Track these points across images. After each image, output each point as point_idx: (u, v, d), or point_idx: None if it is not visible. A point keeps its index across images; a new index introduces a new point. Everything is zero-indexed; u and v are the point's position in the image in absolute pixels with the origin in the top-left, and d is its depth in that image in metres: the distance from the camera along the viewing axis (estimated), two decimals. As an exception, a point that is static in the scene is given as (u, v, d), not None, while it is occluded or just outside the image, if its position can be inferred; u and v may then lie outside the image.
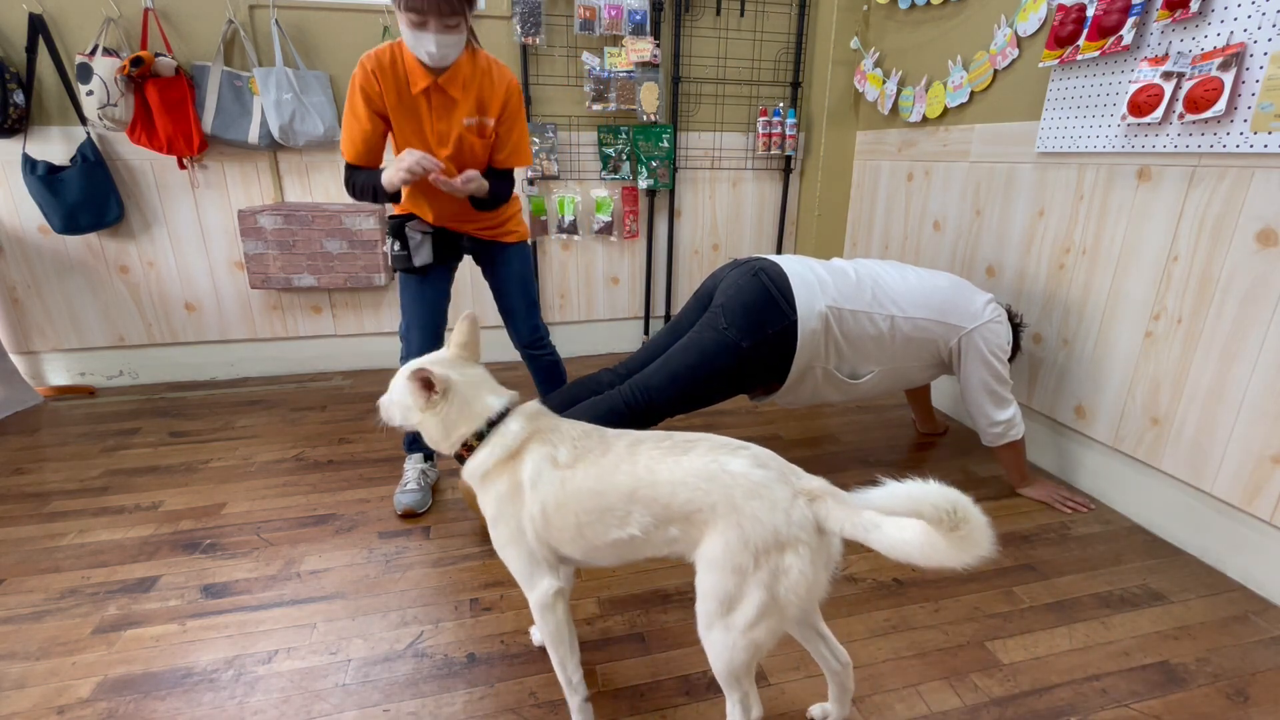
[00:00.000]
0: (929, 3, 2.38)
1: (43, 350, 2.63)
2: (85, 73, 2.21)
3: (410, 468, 1.86)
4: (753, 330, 1.62)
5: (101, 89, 2.22)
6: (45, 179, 2.30)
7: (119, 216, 2.47)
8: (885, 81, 2.66)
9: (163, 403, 2.55)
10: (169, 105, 2.33)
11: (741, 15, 2.84)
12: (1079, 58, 1.76)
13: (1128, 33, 1.64)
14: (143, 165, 2.49)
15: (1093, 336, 1.87)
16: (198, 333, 2.74)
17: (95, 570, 1.53)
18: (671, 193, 3.00)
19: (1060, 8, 1.80)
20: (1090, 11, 1.72)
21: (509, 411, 1.08)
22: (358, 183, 1.61)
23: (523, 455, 1.04)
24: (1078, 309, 1.91)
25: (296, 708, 1.16)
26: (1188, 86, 1.51)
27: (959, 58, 2.26)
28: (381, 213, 2.55)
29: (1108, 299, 1.82)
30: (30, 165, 2.30)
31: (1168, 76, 1.55)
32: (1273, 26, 1.37)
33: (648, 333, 3.23)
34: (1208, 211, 1.54)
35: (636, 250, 3.09)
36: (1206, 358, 1.57)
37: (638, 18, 2.65)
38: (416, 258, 1.68)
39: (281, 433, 2.29)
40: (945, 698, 1.20)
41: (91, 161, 2.35)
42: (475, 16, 1.69)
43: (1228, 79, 1.43)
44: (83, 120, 2.35)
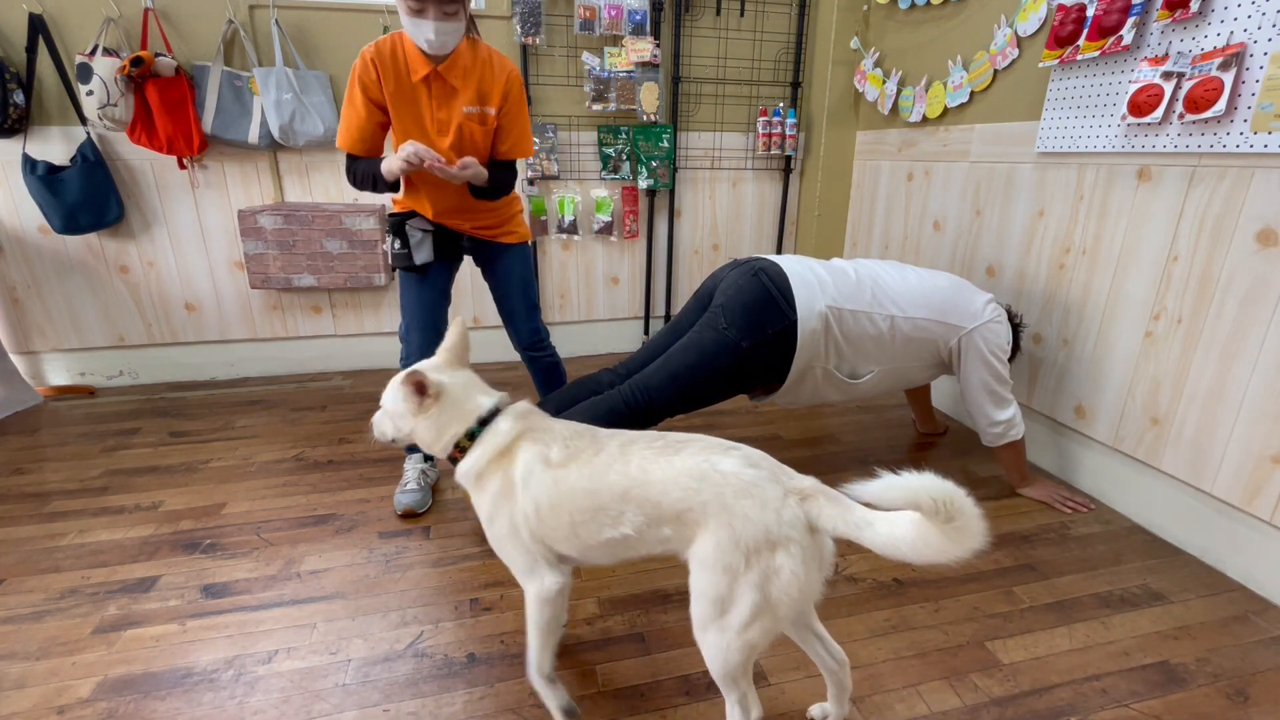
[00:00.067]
0: (929, 3, 2.38)
1: (43, 350, 2.63)
2: (85, 73, 2.21)
3: (410, 468, 1.86)
4: (753, 330, 1.62)
5: (101, 89, 2.22)
6: (45, 179, 2.30)
7: (119, 216, 2.47)
8: (885, 81, 2.66)
9: (163, 403, 2.55)
10: (169, 105, 2.33)
11: (741, 15, 2.84)
12: (1079, 58, 1.76)
13: (1128, 33, 1.64)
14: (143, 165, 2.49)
15: (1093, 336, 1.87)
16: (198, 333, 2.74)
17: (95, 570, 1.53)
18: (671, 193, 3.00)
19: (1060, 8, 1.80)
20: (1090, 11, 1.72)
21: (499, 411, 1.09)
22: (358, 171, 1.63)
23: (515, 454, 1.04)
24: (1078, 309, 1.91)
25: (296, 708, 1.16)
26: (1188, 86, 1.51)
27: (959, 58, 2.26)
28: (381, 212, 2.55)
29: (1108, 299, 1.82)
30: (30, 165, 2.30)
31: (1168, 76, 1.55)
32: (1273, 26, 1.37)
33: (648, 333, 3.23)
34: (1208, 211, 1.54)
35: (636, 250, 3.09)
36: (1206, 358, 1.57)
37: (638, 18, 2.65)
38: (417, 256, 1.68)
39: (281, 433, 2.29)
40: (945, 698, 1.20)
41: (91, 161, 2.35)
42: (476, 17, 1.69)
43: (1228, 79, 1.43)
44: (83, 120, 2.35)
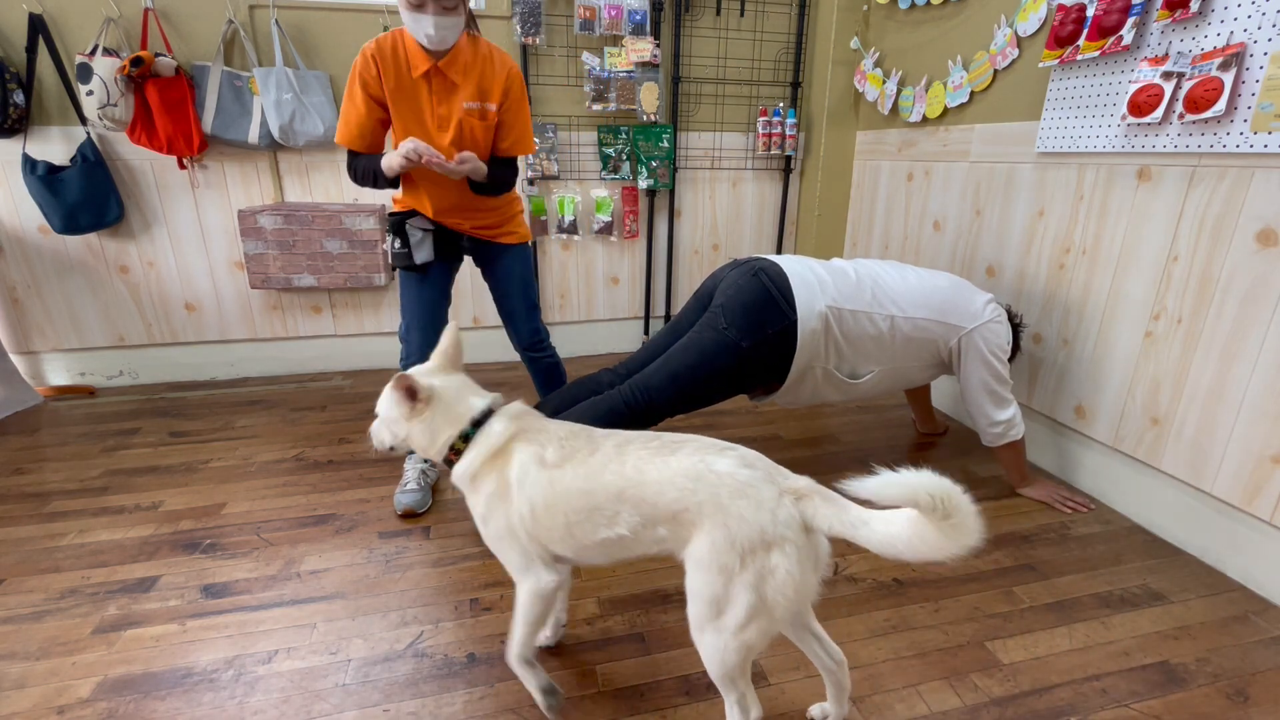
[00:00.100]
0: (929, 3, 2.38)
1: (43, 350, 2.63)
2: (85, 73, 2.21)
3: (410, 467, 1.86)
4: (753, 330, 1.62)
5: (101, 89, 2.22)
6: (45, 179, 2.30)
7: (119, 216, 2.47)
8: (885, 81, 2.66)
9: (163, 403, 2.55)
10: (169, 105, 2.33)
11: (741, 15, 2.84)
12: (1079, 58, 1.76)
13: (1128, 33, 1.64)
14: (143, 165, 2.49)
15: (1093, 336, 1.87)
16: (198, 333, 2.74)
17: (95, 570, 1.53)
18: (671, 193, 3.00)
19: (1060, 8, 1.80)
20: (1090, 11, 1.72)
21: (493, 412, 1.10)
22: (359, 168, 1.64)
23: (510, 455, 1.04)
24: (1078, 309, 1.91)
25: (296, 708, 1.16)
26: (1188, 86, 1.51)
27: (959, 58, 2.26)
28: (381, 212, 2.55)
29: (1108, 299, 1.82)
30: (30, 165, 2.30)
31: (1168, 76, 1.55)
32: (1273, 26, 1.37)
33: (648, 333, 3.23)
34: (1208, 211, 1.54)
35: (636, 250, 3.09)
36: (1206, 358, 1.57)
37: (638, 18, 2.65)
38: (417, 255, 1.69)
39: (281, 433, 2.29)
40: (945, 698, 1.20)
41: (91, 161, 2.35)
42: (476, 17, 1.69)
43: (1228, 79, 1.43)
44: (83, 120, 2.35)
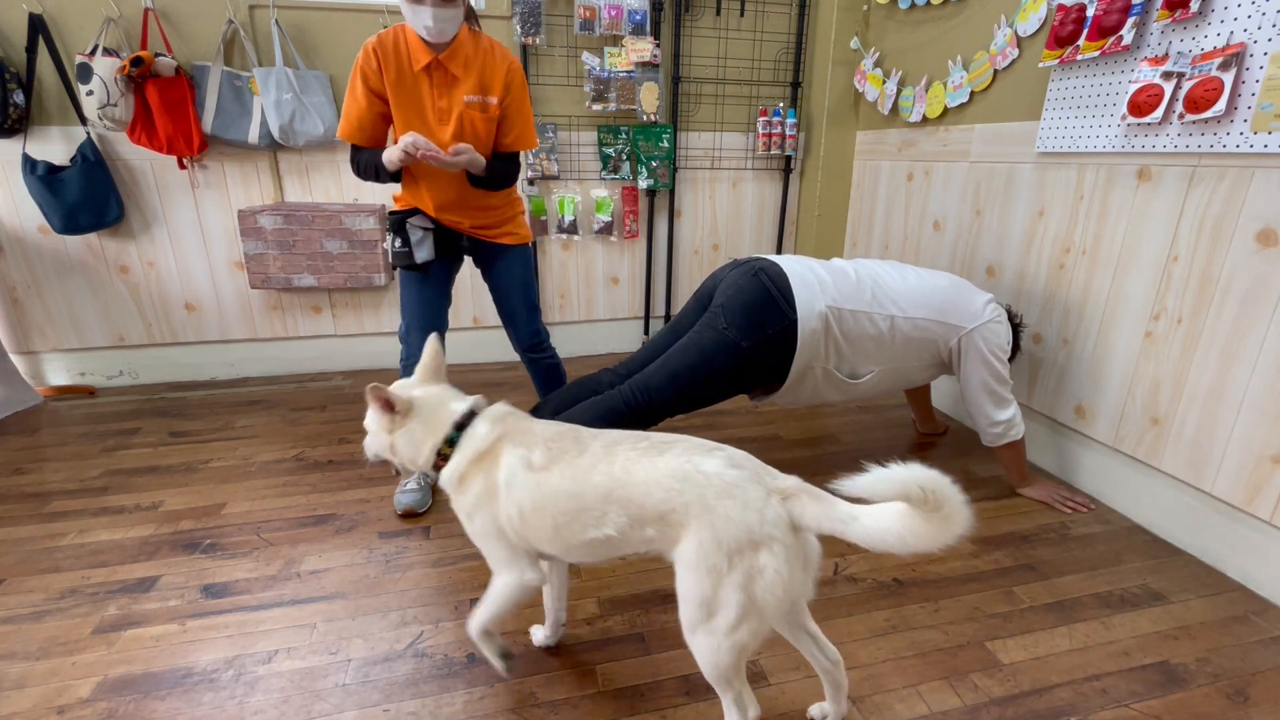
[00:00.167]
0: (929, 3, 2.38)
1: (43, 350, 2.63)
2: (85, 73, 2.21)
3: (410, 468, 1.86)
4: (753, 330, 1.62)
5: (101, 89, 2.22)
6: (45, 179, 2.30)
7: (119, 216, 2.47)
8: (885, 81, 2.66)
9: (163, 403, 2.55)
10: (169, 105, 2.33)
11: (741, 15, 2.84)
12: (1079, 58, 1.76)
13: (1128, 33, 1.64)
14: (143, 165, 2.49)
15: (1093, 336, 1.87)
16: (198, 333, 2.74)
17: (95, 570, 1.53)
18: (671, 193, 3.00)
19: (1060, 8, 1.80)
20: (1090, 11, 1.72)
21: (475, 414, 1.10)
22: (361, 162, 1.65)
23: (497, 457, 1.05)
24: (1078, 309, 1.91)
25: (296, 708, 1.16)
26: (1188, 86, 1.51)
27: (959, 58, 2.26)
28: (381, 212, 2.55)
29: (1108, 299, 1.82)
30: (30, 165, 2.30)
31: (1168, 76, 1.55)
32: (1273, 26, 1.37)
33: (648, 333, 3.23)
34: (1208, 211, 1.54)
35: (636, 250, 3.09)
36: (1206, 358, 1.57)
37: (638, 18, 2.65)
38: (418, 254, 1.69)
39: (281, 433, 2.29)
40: (945, 698, 1.20)
41: (91, 161, 2.35)
42: (476, 14, 1.70)
43: (1228, 79, 1.43)
44: (83, 120, 2.35)
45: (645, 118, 2.81)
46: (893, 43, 2.65)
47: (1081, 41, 1.75)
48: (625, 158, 2.86)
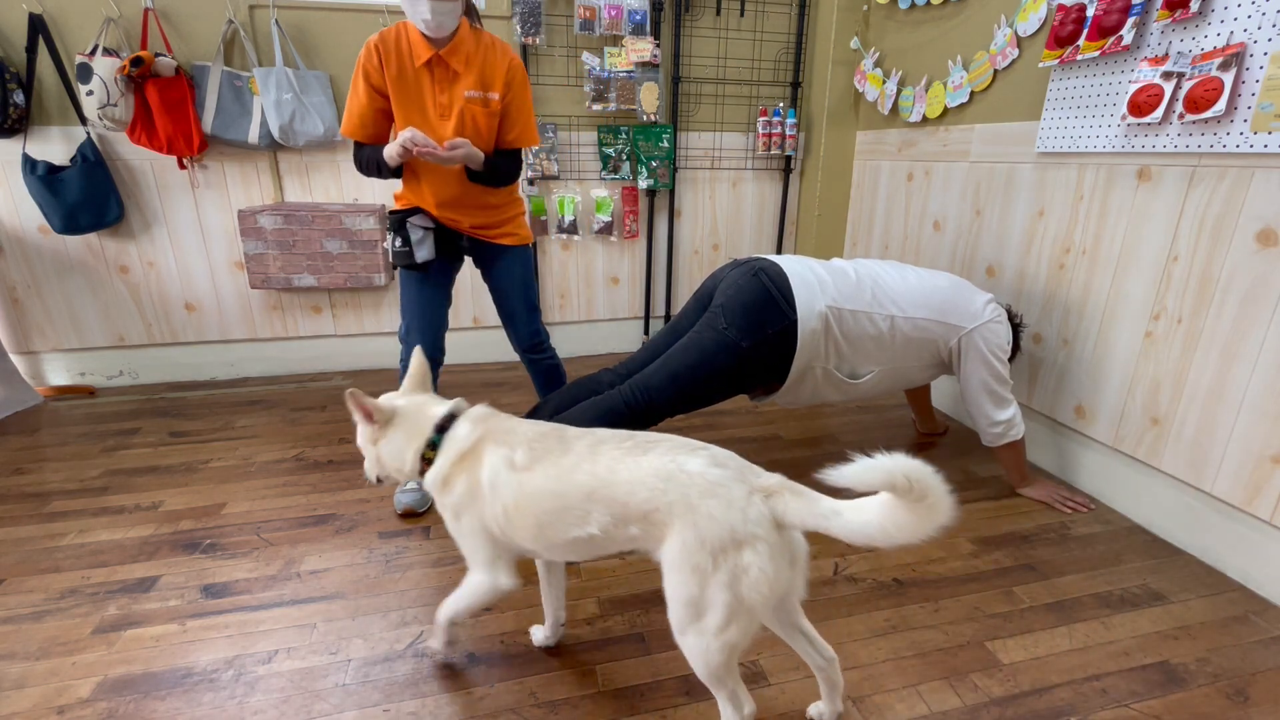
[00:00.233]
0: (929, 3, 2.38)
1: (43, 350, 2.63)
2: (85, 73, 2.21)
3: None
4: (753, 330, 1.62)
5: (101, 89, 2.22)
6: (45, 179, 2.30)
7: (119, 216, 2.47)
8: (885, 81, 2.66)
9: (163, 403, 2.55)
10: (169, 105, 2.33)
11: (741, 15, 2.84)
12: (1079, 58, 1.76)
13: (1128, 33, 1.64)
14: (143, 165, 2.49)
15: (1093, 336, 1.87)
16: (198, 333, 2.74)
17: (95, 570, 1.53)
18: (671, 193, 3.00)
19: (1060, 8, 1.80)
20: (1090, 11, 1.72)
21: (455, 416, 1.11)
22: (363, 158, 1.66)
23: (480, 457, 1.06)
24: (1078, 309, 1.91)
25: (296, 708, 1.16)
26: (1188, 86, 1.51)
27: (959, 58, 2.26)
28: (381, 212, 2.55)
29: (1108, 299, 1.82)
30: (30, 165, 2.30)
31: (1168, 76, 1.55)
32: (1273, 26, 1.37)
33: (648, 333, 3.23)
34: (1208, 211, 1.54)
35: (636, 250, 3.09)
36: (1206, 358, 1.57)
37: (638, 18, 2.65)
38: (418, 253, 1.69)
39: (281, 433, 2.29)
40: (945, 698, 1.20)
41: (91, 161, 2.35)
42: (477, 11, 1.70)
43: (1228, 79, 1.43)
44: (83, 120, 2.35)
45: (645, 118, 2.81)
46: (893, 43, 2.65)
47: (1081, 41, 1.75)
48: (625, 158, 2.86)
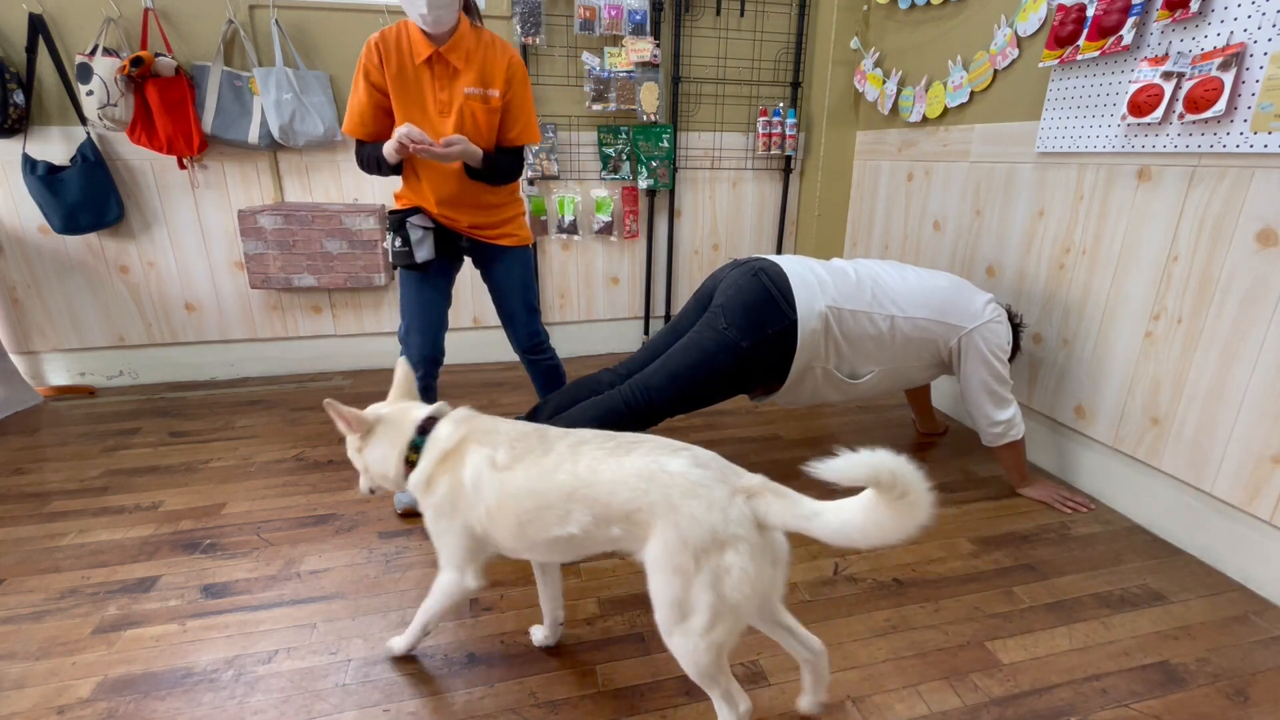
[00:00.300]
0: (929, 3, 2.38)
1: (43, 350, 2.63)
2: (85, 73, 2.21)
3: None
4: (753, 330, 1.62)
5: (101, 89, 2.22)
6: (45, 179, 2.30)
7: (119, 216, 2.47)
8: (885, 81, 2.66)
9: (163, 403, 2.55)
10: (169, 105, 2.33)
11: (741, 15, 2.84)
12: (1079, 58, 1.76)
13: (1128, 33, 1.64)
14: (143, 165, 2.49)
15: (1093, 336, 1.87)
16: (198, 333, 2.74)
17: (95, 570, 1.53)
18: (671, 193, 3.00)
19: (1060, 8, 1.80)
20: (1090, 11, 1.72)
21: (436, 419, 1.12)
22: (364, 155, 1.67)
23: (463, 458, 1.06)
24: (1078, 309, 1.91)
25: (296, 708, 1.16)
26: (1188, 86, 1.51)
27: (959, 58, 2.26)
28: (381, 212, 2.55)
29: (1108, 299, 1.82)
30: (30, 165, 2.30)
31: (1168, 76, 1.55)
32: (1273, 26, 1.37)
33: (648, 333, 3.23)
34: (1208, 211, 1.54)
35: (636, 250, 3.09)
36: (1206, 358, 1.57)
37: (638, 18, 2.65)
38: (418, 253, 1.69)
39: (281, 433, 2.29)
40: (945, 698, 1.20)
41: (91, 161, 2.35)
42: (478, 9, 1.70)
43: (1228, 79, 1.43)
44: (83, 120, 2.35)
45: (645, 118, 2.81)
46: (893, 43, 2.65)
47: (1081, 41, 1.75)
48: (625, 158, 2.86)
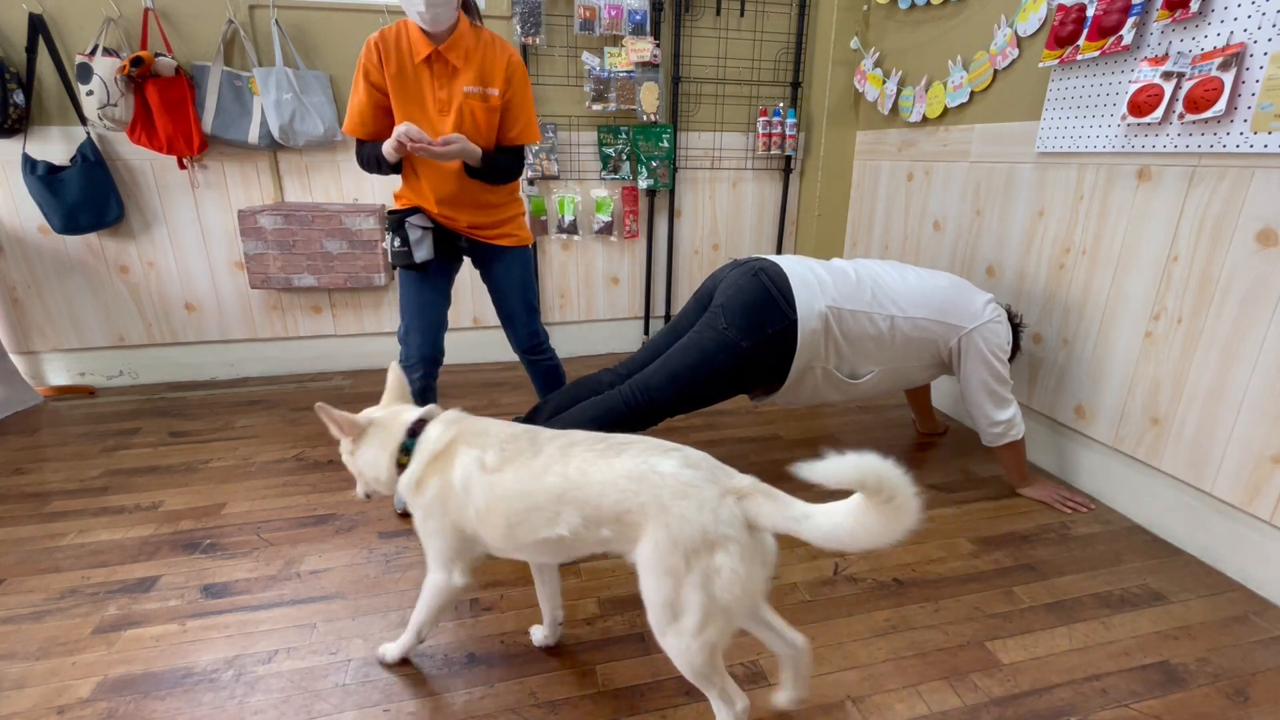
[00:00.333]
0: (929, 3, 2.38)
1: (43, 350, 2.63)
2: (85, 73, 2.21)
3: (410, 468, 1.86)
4: (753, 330, 1.62)
5: (101, 89, 2.22)
6: (45, 179, 2.30)
7: (119, 216, 2.47)
8: (885, 81, 2.66)
9: (163, 403, 2.55)
10: (169, 105, 2.33)
11: (741, 15, 2.84)
12: (1079, 58, 1.76)
13: (1128, 33, 1.64)
14: (143, 165, 2.49)
15: (1093, 336, 1.87)
16: (198, 333, 2.74)
17: (95, 570, 1.53)
18: (671, 193, 3.00)
19: (1060, 8, 1.80)
20: (1090, 11, 1.72)
21: (426, 421, 1.13)
22: (364, 154, 1.67)
23: (452, 460, 1.07)
24: (1078, 309, 1.91)
25: (296, 708, 1.16)
26: (1188, 86, 1.51)
27: (959, 58, 2.26)
28: (381, 212, 2.55)
29: (1108, 299, 1.82)
30: (30, 165, 2.29)
31: (1168, 76, 1.55)
32: (1273, 26, 1.37)
33: (648, 333, 3.23)
34: (1208, 211, 1.54)
35: (636, 250, 3.09)
36: (1206, 358, 1.57)
37: (638, 18, 2.65)
38: (417, 253, 1.69)
39: (281, 433, 2.29)
40: (945, 698, 1.20)
41: (91, 161, 2.35)
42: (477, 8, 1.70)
43: (1228, 79, 1.43)
44: (83, 120, 2.35)
45: (645, 118, 2.81)
46: (893, 43, 2.65)
47: (1081, 41, 1.75)
48: (625, 158, 2.86)
